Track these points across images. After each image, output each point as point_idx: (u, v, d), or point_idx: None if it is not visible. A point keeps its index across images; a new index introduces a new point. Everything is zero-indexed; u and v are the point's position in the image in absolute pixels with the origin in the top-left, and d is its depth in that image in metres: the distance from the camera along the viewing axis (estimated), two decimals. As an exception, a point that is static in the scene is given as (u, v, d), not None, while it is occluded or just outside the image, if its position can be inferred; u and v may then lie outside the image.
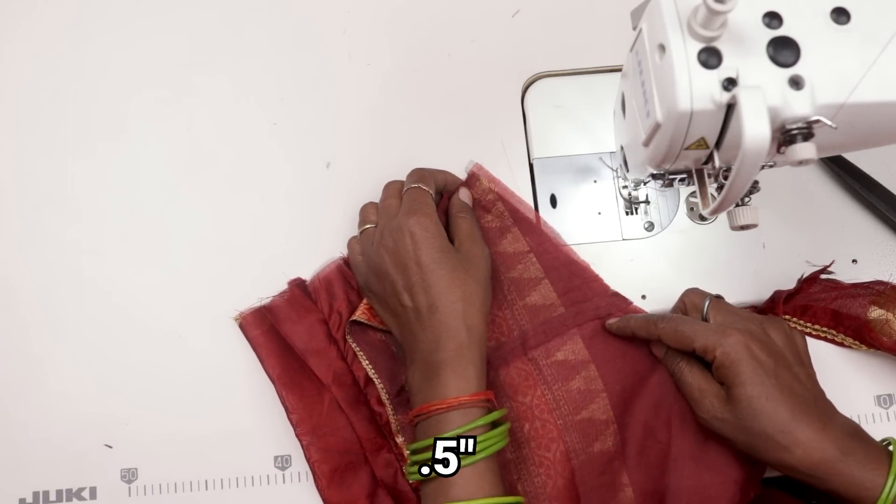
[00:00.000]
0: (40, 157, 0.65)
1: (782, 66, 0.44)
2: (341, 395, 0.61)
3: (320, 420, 0.60)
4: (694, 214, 0.64)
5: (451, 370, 0.53)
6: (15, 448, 0.60)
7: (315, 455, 0.59)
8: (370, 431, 0.60)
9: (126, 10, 0.67)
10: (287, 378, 0.61)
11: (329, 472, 0.59)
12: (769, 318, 0.57)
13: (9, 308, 0.62)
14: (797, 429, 0.51)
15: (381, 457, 0.60)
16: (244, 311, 0.62)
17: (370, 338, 0.61)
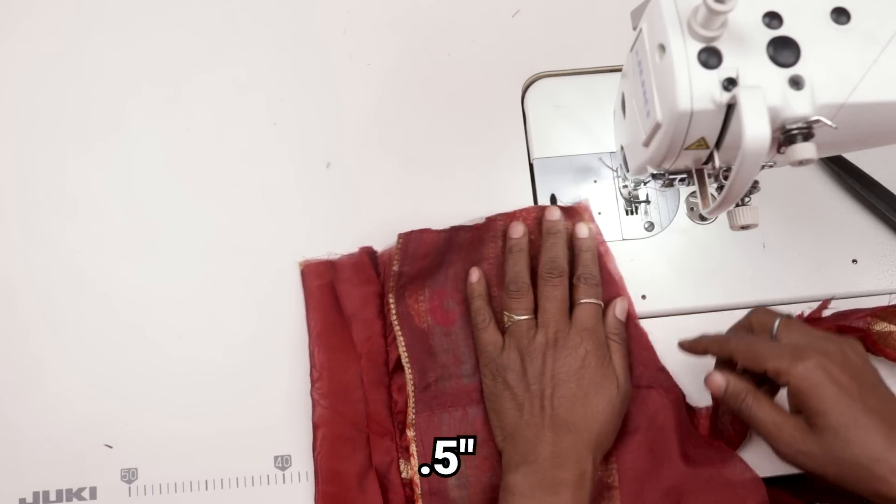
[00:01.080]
0: (40, 156, 0.65)
1: (782, 66, 0.44)
2: (368, 371, 0.61)
3: (339, 387, 0.60)
4: (694, 214, 0.64)
5: (572, 495, 0.52)
6: (15, 448, 0.60)
7: (321, 416, 0.59)
8: (381, 415, 0.60)
9: (125, 9, 0.67)
10: (324, 336, 0.61)
11: (329, 437, 0.59)
12: (845, 337, 0.53)
13: (8, 308, 0.62)
14: (894, 456, 0.47)
15: (382, 443, 0.60)
16: (310, 259, 0.62)
17: (414, 325, 0.61)
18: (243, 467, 0.60)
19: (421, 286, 0.62)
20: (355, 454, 0.60)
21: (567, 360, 0.56)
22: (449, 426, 0.60)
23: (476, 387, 0.60)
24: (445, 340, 0.61)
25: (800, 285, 0.63)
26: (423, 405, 0.60)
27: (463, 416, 0.60)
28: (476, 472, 0.59)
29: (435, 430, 0.59)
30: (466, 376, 0.60)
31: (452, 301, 0.61)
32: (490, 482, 0.58)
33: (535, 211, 0.62)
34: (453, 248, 0.62)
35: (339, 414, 0.60)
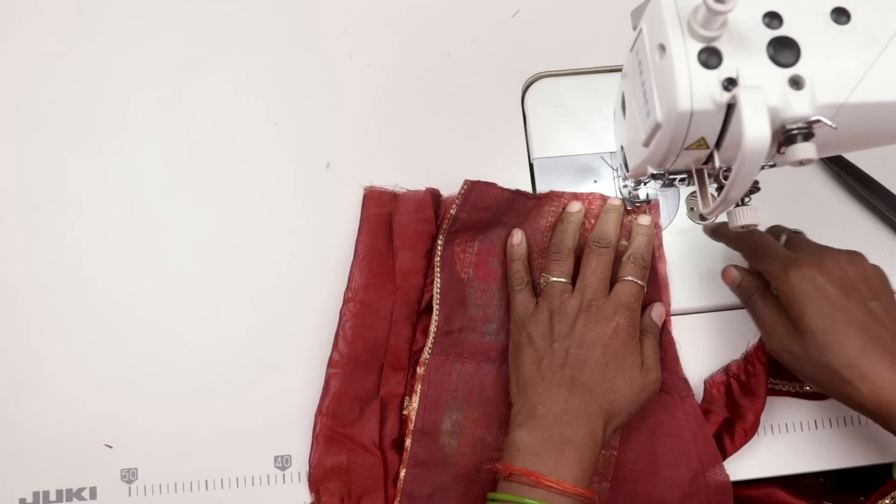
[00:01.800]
0: (40, 156, 0.65)
1: (782, 66, 0.44)
2: (400, 305, 0.61)
3: (369, 311, 0.61)
4: (694, 214, 0.64)
5: (579, 455, 0.52)
6: (15, 448, 0.60)
7: (346, 332, 0.61)
8: (401, 350, 0.61)
9: (126, 9, 0.67)
10: (367, 261, 0.62)
11: (347, 355, 0.61)
12: (849, 251, 0.55)
13: (9, 308, 0.62)
14: (865, 364, 0.50)
15: (395, 376, 0.61)
16: (375, 187, 0.63)
17: (455, 272, 0.62)
18: (243, 467, 0.60)
19: (472, 237, 0.62)
20: (365, 378, 0.61)
21: (596, 329, 0.56)
22: (459, 376, 0.60)
23: (496, 347, 0.61)
24: (480, 296, 0.62)
25: (800, 285, 0.63)
26: (439, 348, 0.61)
27: (475, 370, 0.60)
28: (472, 425, 0.59)
29: (445, 376, 0.60)
30: (490, 334, 0.61)
31: (497, 262, 0.62)
32: (482, 437, 0.59)
33: (600, 199, 0.63)
34: (512, 210, 0.63)
35: (361, 337, 0.61)
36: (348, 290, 0.62)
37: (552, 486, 0.50)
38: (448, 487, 0.59)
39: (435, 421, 0.60)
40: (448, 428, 0.59)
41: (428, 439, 0.59)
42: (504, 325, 0.61)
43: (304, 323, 0.62)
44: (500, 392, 0.60)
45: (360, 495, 0.59)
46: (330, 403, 0.60)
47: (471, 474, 0.59)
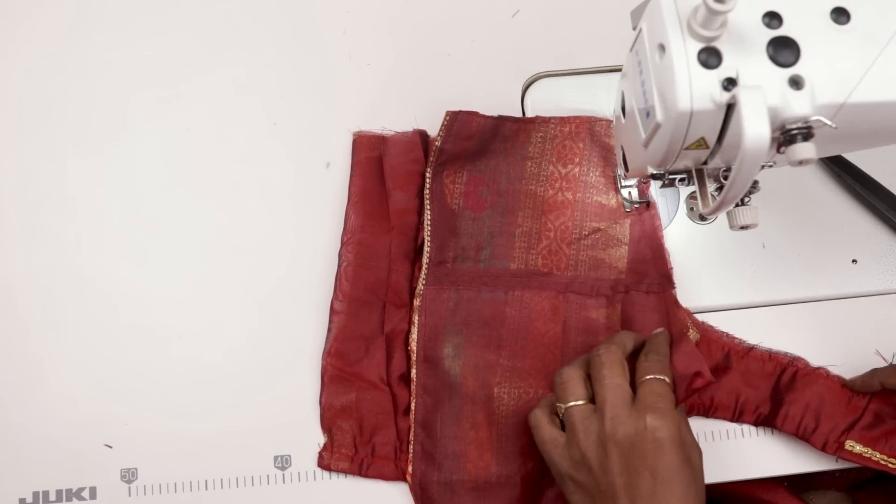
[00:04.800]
0: (40, 156, 0.65)
1: (782, 66, 0.44)
2: (397, 243, 0.62)
3: (367, 251, 0.62)
4: (694, 214, 0.64)
5: None
6: (15, 448, 0.60)
7: (346, 274, 0.62)
8: (401, 287, 0.62)
9: (126, 9, 0.67)
10: (362, 203, 0.63)
11: (349, 295, 0.61)
12: None
13: (9, 308, 0.62)
14: None
15: (397, 313, 0.62)
16: (364, 131, 0.64)
17: (445, 204, 0.62)
18: (243, 467, 0.60)
19: (460, 168, 0.63)
20: (369, 317, 0.61)
21: (635, 449, 0.50)
22: (456, 303, 0.61)
23: (490, 273, 0.62)
24: (471, 225, 0.62)
25: (800, 285, 0.63)
26: (433, 278, 0.61)
27: (473, 296, 0.61)
28: (473, 346, 0.60)
29: (441, 304, 0.61)
30: (483, 261, 0.62)
31: (487, 190, 0.63)
32: (483, 356, 0.60)
33: (587, 122, 0.63)
34: (498, 137, 0.63)
35: (361, 277, 0.62)
36: (345, 233, 0.62)
37: None
38: (458, 409, 0.60)
39: (436, 347, 0.61)
40: (450, 352, 0.60)
41: (431, 365, 0.60)
42: (498, 252, 0.62)
43: (303, 323, 0.62)
44: (499, 315, 0.61)
45: (371, 431, 0.60)
46: (334, 344, 0.61)
47: (476, 393, 0.60)
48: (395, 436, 0.60)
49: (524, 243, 0.62)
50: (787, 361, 0.61)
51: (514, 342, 0.61)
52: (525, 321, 0.61)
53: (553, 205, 0.63)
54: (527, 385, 0.60)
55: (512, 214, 0.63)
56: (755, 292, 0.63)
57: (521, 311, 0.61)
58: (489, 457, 0.59)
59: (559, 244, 0.62)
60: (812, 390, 0.60)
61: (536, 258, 0.62)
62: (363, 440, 0.60)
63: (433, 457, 0.59)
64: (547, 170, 0.63)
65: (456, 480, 0.59)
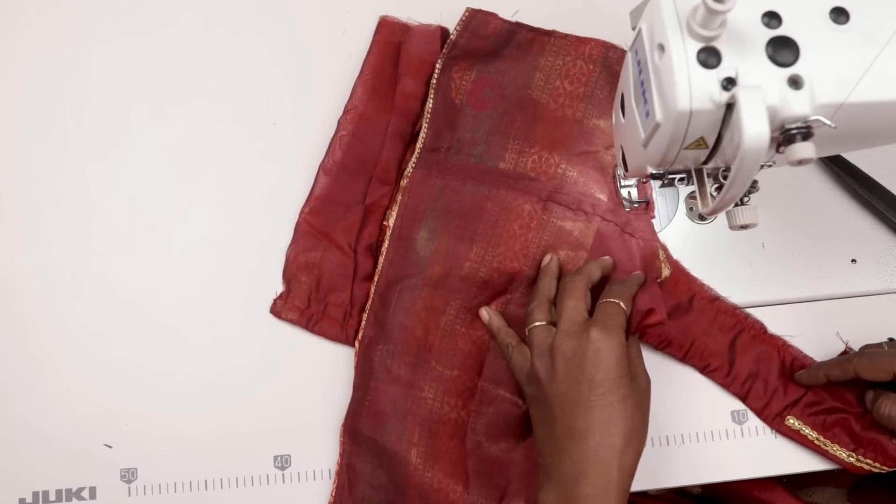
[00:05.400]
0: (42, 157, 0.65)
1: (781, 65, 0.44)
2: (396, 123, 0.64)
3: (366, 124, 0.64)
4: (694, 214, 0.64)
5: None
6: (15, 448, 0.60)
7: (341, 141, 0.64)
8: (390, 165, 0.63)
9: (127, 12, 0.67)
10: (371, 79, 0.65)
11: (339, 162, 0.63)
12: None
13: (9, 308, 0.62)
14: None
15: (381, 190, 0.63)
16: (391, 17, 0.66)
17: (449, 98, 0.64)
18: (243, 467, 0.60)
19: (470, 66, 0.64)
20: (353, 186, 0.63)
21: (575, 359, 0.52)
22: (440, 190, 0.62)
23: (479, 168, 0.63)
24: (471, 121, 0.64)
25: (799, 285, 0.63)
26: (423, 163, 0.63)
27: (458, 186, 0.62)
28: (447, 234, 0.62)
29: (426, 189, 0.62)
30: (476, 157, 0.63)
31: (492, 91, 0.64)
32: (455, 248, 0.61)
33: (602, 46, 0.63)
34: (513, 43, 0.64)
35: (354, 147, 0.64)
36: (349, 103, 0.64)
37: None
38: (418, 288, 0.61)
39: (412, 228, 0.62)
40: (424, 235, 0.62)
41: (404, 244, 0.62)
42: (491, 151, 0.63)
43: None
44: (478, 208, 0.62)
45: (327, 290, 0.62)
46: (315, 203, 0.63)
47: (439, 279, 0.61)
48: (348, 300, 0.62)
49: (517, 146, 0.63)
50: (748, 322, 0.61)
51: (486, 240, 0.61)
52: (502, 220, 0.61)
53: (552, 118, 0.63)
54: (488, 287, 0.61)
55: (511, 117, 0.63)
56: (755, 292, 0.63)
57: (500, 209, 0.62)
58: (433, 339, 0.61)
59: (551, 154, 0.63)
60: (764, 359, 0.61)
61: (526, 162, 0.63)
62: (318, 297, 0.62)
63: (384, 326, 0.61)
64: (553, 83, 0.63)
65: (397, 352, 0.61)
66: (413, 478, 0.59)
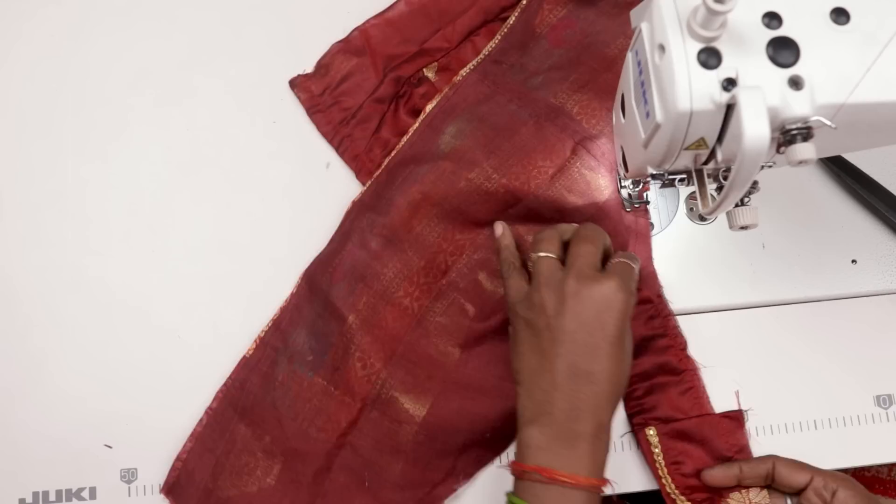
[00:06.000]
0: (42, 157, 0.65)
1: (782, 66, 0.44)
2: (487, 1, 0.66)
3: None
4: (694, 214, 0.64)
5: (590, 447, 0.51)
6: (15, 448, 0.60)
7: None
8: (462, 28, 0.66)
9: (126, 11, 0.67)
10: None
11: (424, 1, 0.66)
12: None
13: (9, 308, 0.62)
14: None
15: (440, 43, 0.65)
16: None
17: (531, 23, 0.65)
18: (243, 467, 0.60)
19: (564, 3, 0.66)
20: (423, 28, 0.66)
21: (591, 302, 0.52)
22: (486, 99, 0.64)
23: (529, 95, 0.63)
24: (541, 53, 0.65)
25: (799, 285, 0.63)
26: (481, 69, 0.66)
27: (503, 103, 0.63)
28: (472, 138, 0.62)
29: (473, 94, 0.65)
30: (532, 85, 0.64)
31: (573, 35, 0.65)
32: (473, 154, 0.62)
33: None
34: (608, 1, 0.66)
35: (444, 1, 0.66)
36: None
37: (566, 481, 0.50)
38: (424, 174, 0.62)
39: (444, 121, 0.64)
40: (452, 131, 0.63)
41: (431, 132, 0.63)
42: (548, 83, 0.63)
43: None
44: (511, 128, 0.62)
45: (343, 93, 0.65)
46: (382, 22, 0.66)
47: (446, 174, 0.62)
48: (354, 109, 0.65)
49: (573, 88, 0.63)
50: (675, 332, 0.61)
51: (505, 158, 0.62)
52: (529, 147, 0.62)
53: (616, 73, 0.63)
54: (489, 199, 0.61)
55: (577, 62, 0.64)
56: (755, 292, 0.63)
57: (532, 137, 0.62)
58: (416, 224, 0.62)
59: (601, 103, 0.63)
60: (666, 371, 0.61)
61: (574, 104, 0.63)
62: (333, 93, 0.65)
63: (380, 197, 0.63)
64: None
65: (378, 223, 0.62)
66: (343, 337, 0.60)
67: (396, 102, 0.66)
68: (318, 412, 0.60)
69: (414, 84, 0.66)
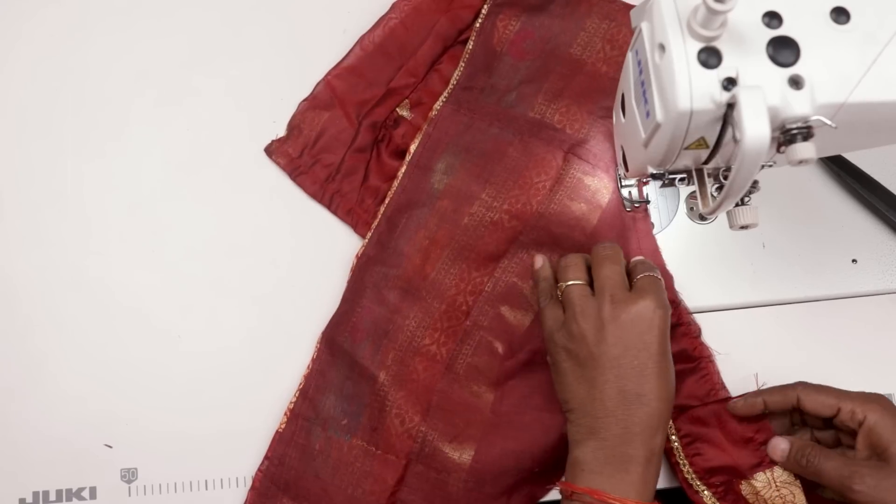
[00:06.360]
0: (42, 157, 0.65)
1: (782, 65, 0.44)
2: (444, 26, 0.66)
3: (416, 18, 0.65)
4: (694, 214, 0.64)
5: (642, 471, 0.51)
6: (15, 448, 0.60)
7: (388, 23, 0.66)
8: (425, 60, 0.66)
9: (127, 11, 0.67)
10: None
11: (378, 42, 0.65)
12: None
13: (9, 308, 0.62)
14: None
15: (407, 80, 0.65)
16: None
17: (490, 44, 0.65)
18: (243, 468, 0.60)
19: (517, 16, 0.65)
20: (385, 68, 0.65)
21: (633, 327, 0.52)
22: (466, 128, 0.64)
23: (509, 114, 0.63)
24: (508, 70, 0.65)
25: (800, 285, 0.63)
26: (454, 99, 0.64)
27: (484, 128, 0.63)
28: (464, 171, 0.62)
29: (452, 124, 0.64)
30: (506, 102, 0.64)
31: (533, 45, 0.65)
32: (469, 187, 0.62)
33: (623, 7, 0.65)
34: (558, 3, 0.65)
35: (398, 33, 0.65)
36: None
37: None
38: (425, 218, 0.62)
39: (431, 159, 0.63)
40: (441, 168, 0.63)
41: (420, 172, 0.63)
42: (522, 98, 0.63)
43: (303, 323, 0.62)
44: (499, 151, 0.62)
45: (321, 150, 0.64)
46: (342, 71, 0.65)
47: (447, 213, 0.62)
48: (337, 164, 0.64)
49: (548, 98, 0.64)
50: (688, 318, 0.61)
51: (501, 183, 0.62)
52: (521, 166, 0.62)
53: (587, 74, 0.64)
54: (496, 229, 0.61)
55: (546, 71, 0.64)
56: (755, 292, 0.63)
57: (521, 155, 0.62)
58: (430, 270, 0.62)
59: (580, 108, 0.63)
60: (686, 366, 0.60)
61: (554, 114, 0.63)
62: (311, 152, 0.64)
63: (385, 248, 0.62)
64: (595, 46, 0.64)
65: (391, 275, 0.62)
66: (377, 396, 0.60)
67: (378, 148, 0.65)
68: (363, 475, 0.59)
69: (391, 126, 0.65)
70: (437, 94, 0.65)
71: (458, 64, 0.65)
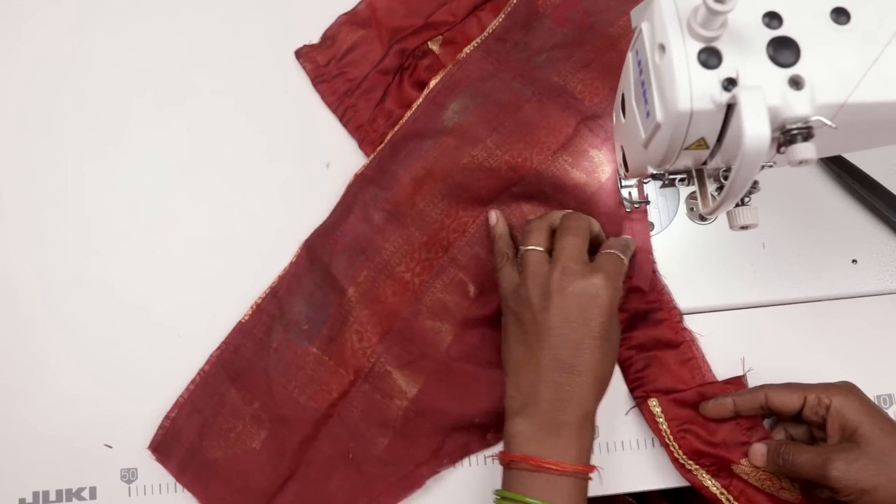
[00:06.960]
0: (42, 157, 0.65)
1: (782, 66, 0.44)
2: None
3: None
4: (694, 214, 0.64)
5: (575, 435, 0.53)
6: (15, 448, 0.60)
7: None
8: (466, 4, 0.66)
9: (127, 11, 0.67)
10: None
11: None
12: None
13: (9, 308, 0.62)
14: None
15: (445, 17, 0.66)
16: None
17: (536, 2, 0.65)
18: (243, 467, 0.60)
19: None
20: (428, 2, 0.66)
21: (576, 297, 0.53)
22: (490, 76, 0.64)
23: (533, 73, 0.63)
24: (545, 32, 0.65)
25: (800, 285, 0.63)
26: (484, 47, 0.65)
27: (506, 80, 0.63)
28: (475, 115, 0.62)
29: (477, 71, 0.64)
30: (535, 62, 0.64)
31: (576, 15, 0.65)
32: (476, 130, 0.62)
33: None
34: None
35: None
36: None
37: (553, 469, 0.51)
38: (427, 150, 0.62)
39: (448, 97, 0.63)
40: (455, 107, 0.63)
41: (435, 108, 0.64)
42: (553, 63, 0.64)
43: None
44: (515, 105, 0.62)
45: (348, 64, 0.65)
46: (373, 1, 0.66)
47: (449, 150, 0.62)
48: (359, 80, 0.64)
49: (576, 66, 0.64)
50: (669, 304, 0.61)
51: (507, 134, 0.62)
52: (532, 124, 0.62)
53: (619, 53, 0.64)
54: (491, 176, 0.62)
55: (580, 41, 0.65)
56: (755, 292, 0.63)
57: (535, 113, 0.62)
58: (419, 200, 0.62)
59: (603, 83, 0.63)
60: (664, 342, 0.61)
61: (577, 83, 0.64)
62: (338, 64, 0.65)
63: (384, 171, 0.63)
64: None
65: (381, 197, 0.62)
66: (342, 309, 0.61)
67: (401, 74, 0.66)
68: (309, 381, 0.60)
69: (419, 56, 0.66)
70: (471, 38, 0.65)
71: (499, 14, 0.66)
